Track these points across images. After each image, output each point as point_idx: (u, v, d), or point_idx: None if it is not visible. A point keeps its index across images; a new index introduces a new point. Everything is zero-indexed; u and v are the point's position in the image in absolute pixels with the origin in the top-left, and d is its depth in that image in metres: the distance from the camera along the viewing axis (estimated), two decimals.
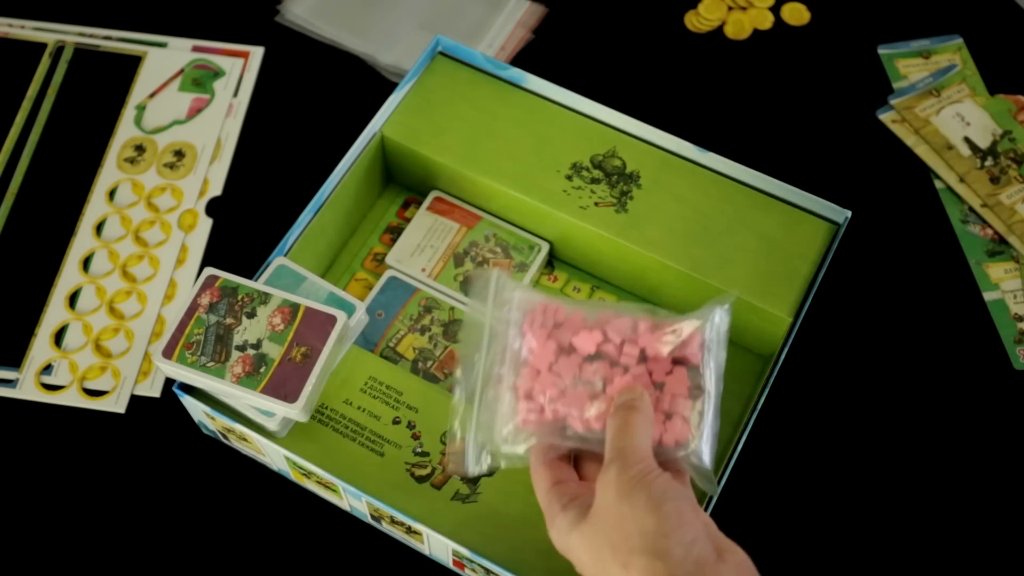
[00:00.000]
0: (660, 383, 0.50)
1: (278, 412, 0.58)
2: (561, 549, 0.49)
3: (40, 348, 0.70)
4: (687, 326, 0.50)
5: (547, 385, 0.50)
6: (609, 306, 0.53)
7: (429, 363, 0.66)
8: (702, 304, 0.50)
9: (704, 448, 0.49)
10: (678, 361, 0.50)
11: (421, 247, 0.70)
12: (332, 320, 0.59)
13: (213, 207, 0.76)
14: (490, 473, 0.59)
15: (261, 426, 0.59)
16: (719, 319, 0.51)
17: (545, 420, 0.50)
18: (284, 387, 0.57)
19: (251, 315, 0.59)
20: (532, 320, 0.51)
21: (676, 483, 0.46)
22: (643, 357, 0.50)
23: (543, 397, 0.50)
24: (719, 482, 0.59)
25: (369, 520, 0.62)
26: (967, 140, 0.79)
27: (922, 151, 0.79)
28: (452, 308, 0.68)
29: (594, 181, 0.68)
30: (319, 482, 0.61)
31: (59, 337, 0.70)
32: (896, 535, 0.64)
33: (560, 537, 0.48)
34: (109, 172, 0.77)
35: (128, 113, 0.80)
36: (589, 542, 0.46)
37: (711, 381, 0.50)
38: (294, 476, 0.63)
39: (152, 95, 0.81)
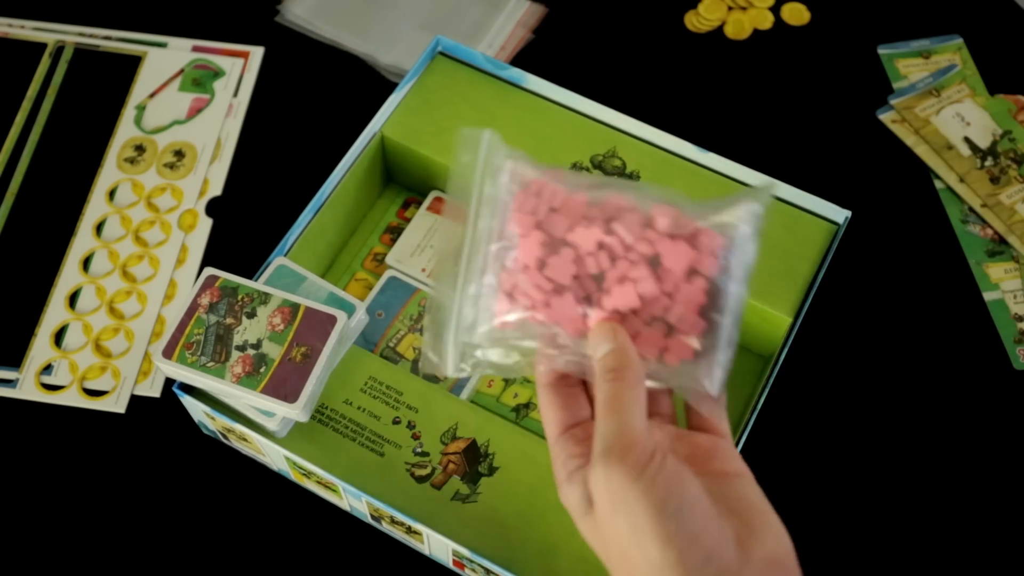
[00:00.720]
0: (670, 293, 0.42)
1: (278, 412, 0.58)
2: (571, 515, 0.43)
3: (40, 348, 0.70)
4: (711, 224, 0.42)
5: (531, 287, 0.42)
6: (621, 187, 0.43)
7: None
8: None
9: (712, 372, 0.42)
10: (695, 271, 0.42)
11: (421, 247, 0.70)
12: (332, 320, 0.59)
13: (213, 207, 0.76)
14: (491, 477, 0.59)
15: (261, 426, 0.59)
16: (750, 215, 0.42)
17: (529, 325, 0.42)
18: (284, 387, 0.57)
19: (251, 315, 0.59)
20: (522, 202, 0.43)
21: (682, 470, 0.39)
22: (655, 263, 0.42)
23: (525, 300, 0.42)
24: None
25: (369, 520, 0.62)
26: (967, 140, 0.79)
27: (922, 151, 0.79)
28: None
29: None
30: (319, 482, 0.61)
31: (59, 337, 0.70)
32: (896, 535, 0.64)
33: (570, 510, 0.43)
34: (109, 172, 0.77)
35: (128, 113, 0.80)
36: (600, 545, 0.41)
37: (731, 296, 0.42)
38: (294, 476, 0.63)
39: (152, 95, 0.81)
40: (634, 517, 0.38)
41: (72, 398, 0.68)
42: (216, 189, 0.77)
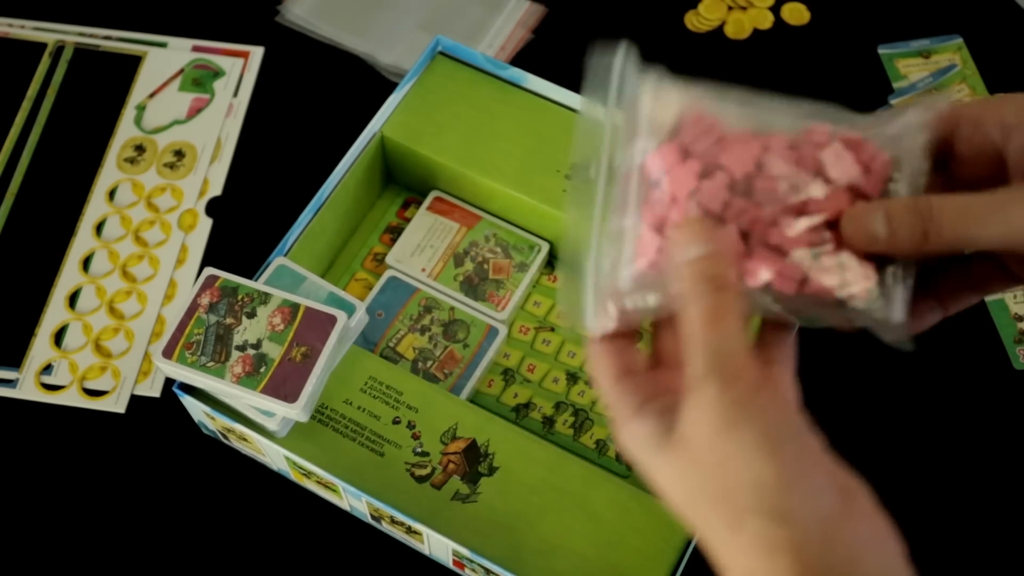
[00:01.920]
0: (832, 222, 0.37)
1: (278, 412, 0.58)
2: (637, 460, 0.38)
3: (40, 348, 0.70)
4: (876, 137, 0.38)
5: (683, 216, 0.37)
6: (795, 111, 0.39)
7: (429, 363, 0.66)
8: None
9: (893, 298, 0.37)
10: (860, 192, 0.37)
11: (421, 247, 0.70)
12: (332, 320, 0.59)
13: (213, 207, 0.76)
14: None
15: (261, 426, 0.59)
16: (920, 126, 0.38)
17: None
18: (284, 387, 0.57)
19: (251, 315, 0.59)
20: (678, 142, 0.38)
21: (790, 402, 0.36)
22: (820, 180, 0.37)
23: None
24: None
25: (369, 520, 0.62)
26: None
27: None
28: (452, 308, 0.68)
29: None
30: (319, 482, 0.61)
31: (59, 337, 0.70)
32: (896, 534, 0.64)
33: (640, 452, 0.37)
34: (109, 172, 0.77)
35: (128, 113, 0.80)
36: (681, 478, 0.36)
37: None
38: (294, 476, 0.63)
39: (152, 95, 0.81)
40: (747, 436, 0.34)
41: (72, 398, 0.68)
42: (216, 189, 0.76)
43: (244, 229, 0.74)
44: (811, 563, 0.34)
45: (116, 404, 0.68)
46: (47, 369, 0.69)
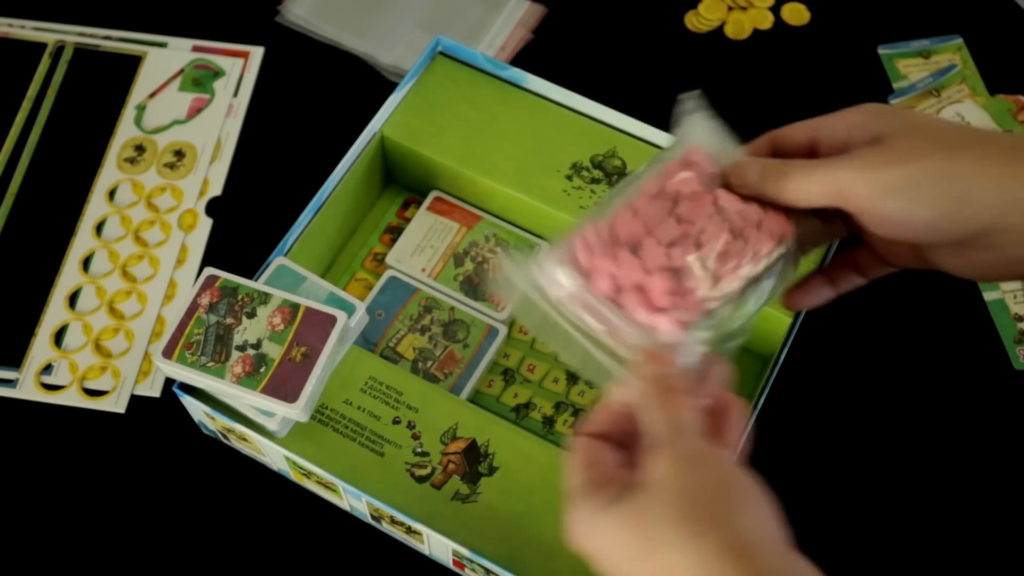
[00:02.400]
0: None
1: (278, 412, 0.58)
2: (580, 537, 0.42)
3: (40, 348, 0.70)
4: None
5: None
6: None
7: (429, 363, 0.66)
8: None
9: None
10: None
11: (421, 247, 0.70)
12: (332, 320, 0.59)
13: (213, 207, 0.76)
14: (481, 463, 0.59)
15: (261, 426, 0.59)
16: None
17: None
18: (284, 387, 0.57)
19: (251, 315, 0.59)
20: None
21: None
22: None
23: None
24: None
25: (369, 520, 0.62)
26: None
27: None
28: (452, 308, 0.68)
29: (594, 181, 0.68)
30: (319, 482, 0.61)
31: (59, 337, 0.70)
32: (897, 535, 0.64)
33: (584, 521, 0.42)
34: (109, 172, 0.77)
35: (128, 113, 0.80)
36: (631, 517, 0.40)
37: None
38: (294, 476, 0.63)
39: (152, 95, 0.81)
40: (712, 468, 0.40)
41: (72, 398, 0.68)
42: (216, 189, 0.77)
43: (244, 229, 0.74)
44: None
45: (116, 404, 0.68)
46: (47, 369, 0.69)
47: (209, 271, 0.61)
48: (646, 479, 0.40)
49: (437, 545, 0.59)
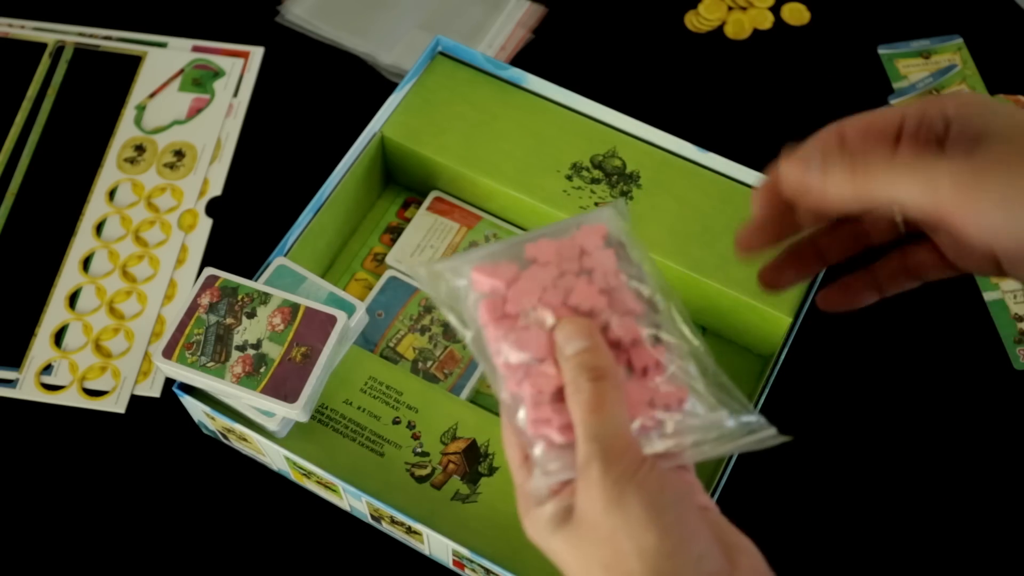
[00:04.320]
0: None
1: (278, 412, 0.58)
2: (538, 544, 0.42)
3: (40, 348, 0.70)
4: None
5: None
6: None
7: (429, 363, 0.66)
8: (704, 305, 0.48)
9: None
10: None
11: (421, 247, 0.70)
12: (332, 320, 0.59)
13: (213, 207, 0.76)
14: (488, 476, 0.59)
15: (261, 426, 0.59)
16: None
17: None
18: (284, 387, 0.57)
19: (251, 315, 0.59)
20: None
21: (672, 475, 0.39)
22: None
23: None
24: (715, 490, 0.59)
25: (369, 520, 0.62)
26: None
27: None
28: None
29: (594, 181, 0.68)
30: (319, 482, 0.61)
31: (59, 337, 0.70)
32: (896, 535, 0.64)
33: (538, 534, 0.41)
34: (109, 172, 0.77)
35: (128, 113, 0.80)
36: (576, 551, 0.39)
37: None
38: (294, 476, 0.63)
39: (152, 95, 0.81)
40: (631, 509, 0.37)
41: (72, 398, 0.68)
42: (216, 189, 0.77)
43: (244, 229, 0.74)
44: None
45: (116, 404, 0.68)
46: (47, 369, 0.69)
47: (209, 271, 0.61)
48: (580, 511, 0.39)
49: (437, 545, 0.59)
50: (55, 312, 0.71)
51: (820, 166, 0.40)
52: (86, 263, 0.73)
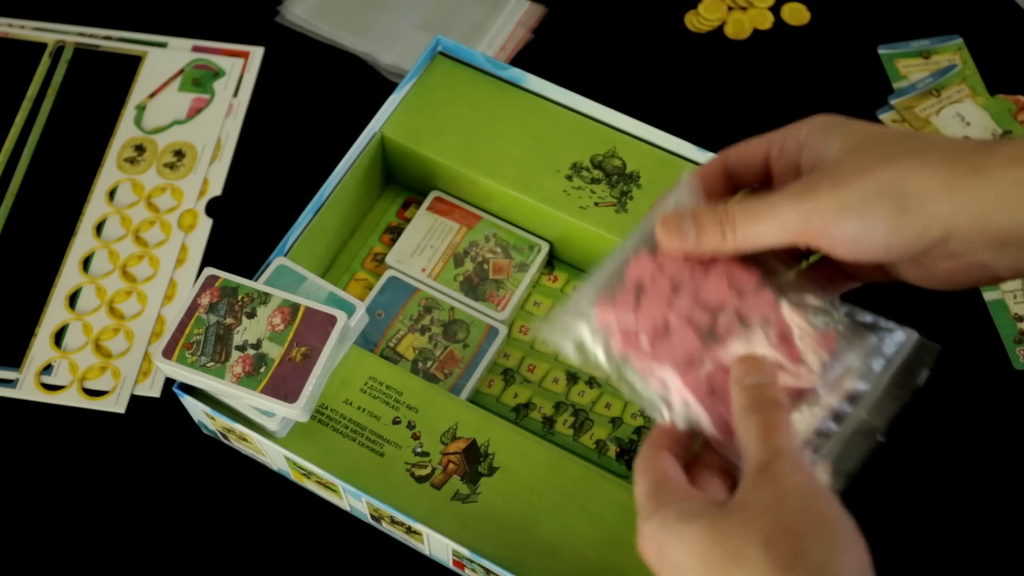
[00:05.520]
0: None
1: (278, 412, 0.58)
2: (653, 546, 0.42)
3: (40, 348, 0.70)
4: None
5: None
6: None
7: (429, 363, 0.66)
8: None
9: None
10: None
11: (421, 247, 0.70)
12: (332, 320, 0.59)
13: (213, 207, 0.76)
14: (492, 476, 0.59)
15: (261, 426, 0.59)
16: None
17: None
18: (284, 387, 0.57)
19: (251, 315, 0.59)
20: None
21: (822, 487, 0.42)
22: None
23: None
24: None
25: (369, 520, 0.62)
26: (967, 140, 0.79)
27: None
28: (452, 308, 0.68)
29: (594, 181, 0.68)
30: (319, 482, 0.61)
31: (59, 337, 0.70)
32: (896, 535, 0.64)
33: (660, 531, 0.41)
34: (109, 172, 0.77)
35: (128, 113, 0.80)
36: (715, 535, 0.39)
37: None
38: (294, 476, 0.63)
39: (152, 95, 0.81)
40: (819, 503, 0.40)
41: (72, 398, 0.68)
42: (216, 189, 0.77)
43: (244, 229, 0.74)
44: None
45: (116, 404, 0.68)
46: (47, 369, 0.69)
47: (209, 271, 0.61)
48: (738, 499, 0.40)
49: (437, 545, 0.59)
50: (55, 312, 0.71)
51: (694, 232, 0.44)
52: (86, 263, 0.73)
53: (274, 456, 0.61)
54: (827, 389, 0.44)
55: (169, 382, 0.68)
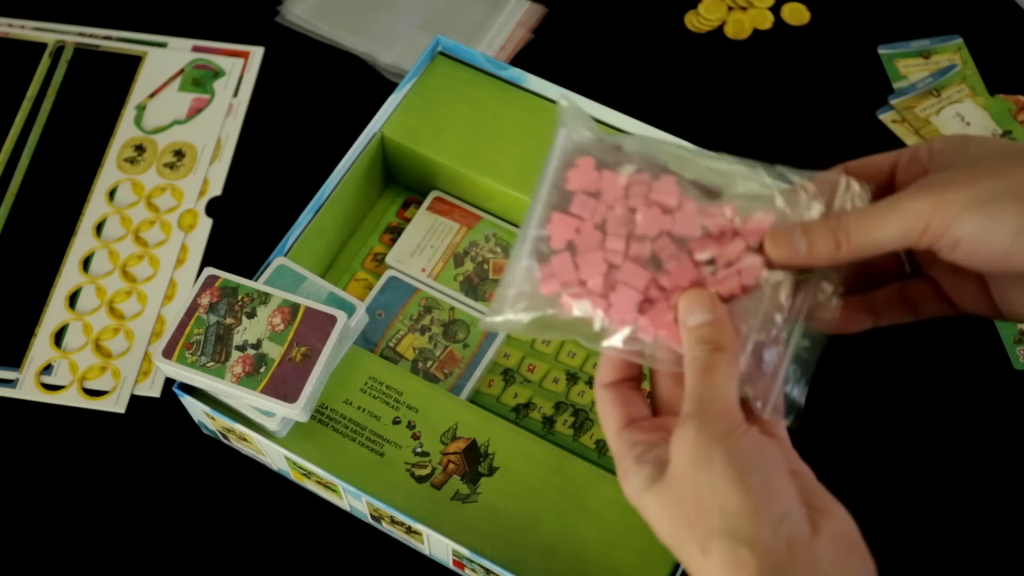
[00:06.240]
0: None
1: (278, 412, 0.58)
2: (633, 504, 0.43)
3: (40, 348, 0.70)
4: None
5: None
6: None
7: (429, 363, 0.66)
8: None
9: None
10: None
11: (421, 247, 0.70)
12: (332, 320, 0.59)
13: (213, 207, 0.76)
14: (490, 472, 0.59)
15: (261, 426, 0.59)
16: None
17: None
18: (284, 387, 0.57)
19: (251, 315, 0.59)
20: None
21: (765, 440, 0.40)
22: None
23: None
24: None
25: (369, 520, 0.63)
26: None
27: None
28: (452, 308, 0.68)
29: None
30: (319, 482, 0.61)
31: (59, 337, 0.70)
32: (896, 535, 0.64)
33: (633, 494, 0.42)
34: (109, 172, 0.77)
35: (128, 113, 0.80)
36: (664, 509, 0.40)
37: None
38: (294, 476, 0.63)
39: (152, 95, 0.81)
40: (716, 469, 0.38)
41: (72, 398, 0.68)
42: (216, 189, 0.77)
43: (244, 229, 0.74)
44: None
45: (116, 404, 0.68)
46: (47, 369, 0.69)
47: (209, 271, 0.61)
48: (671, 460, 0.40)
49: (437, 545, 0.59)
50: (55, 312, 0.71)
51: (804, 243, 0.42)
52: (86, 263, 0.73)
53: (274, 456, 0.61)
54: (781, 269, 0.43)
55: (169, 382, 0.68)
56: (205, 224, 0.75)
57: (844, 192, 0.43)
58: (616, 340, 0.43)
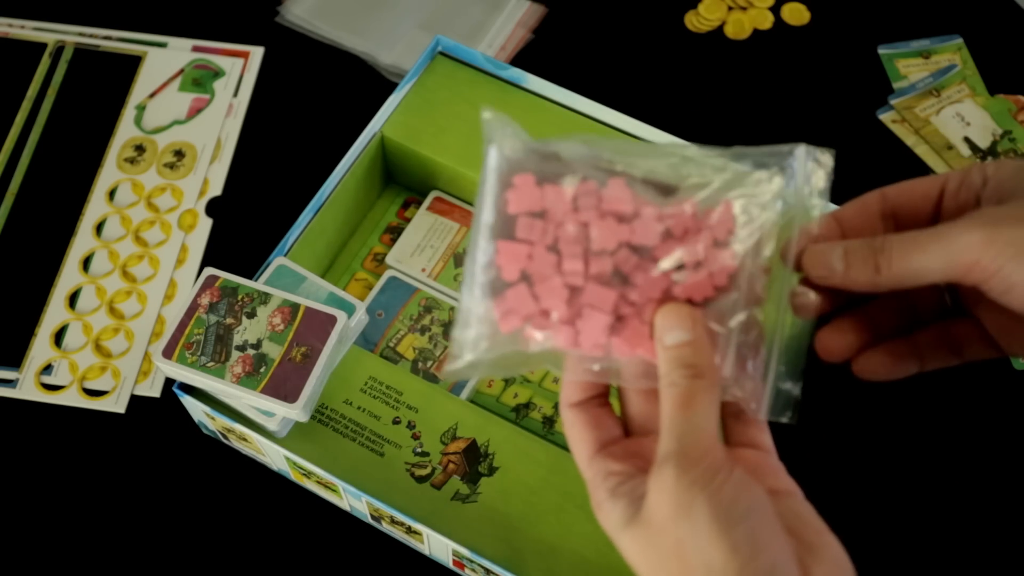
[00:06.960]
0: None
1: (278, 412, 0.58)
2: (610, 537, 0.40)
3: (40, 348, 0.70)
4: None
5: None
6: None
7: (429, 363, 0.66)
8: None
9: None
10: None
11: (421, 247, 0.70)
12: (332, 320, 0.59)
13: (213, 207, 0.76)
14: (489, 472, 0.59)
15: (261, 426, 0.59)
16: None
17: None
18: (284, 387, 0.57)
19: (251, 315, 0.59)
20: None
21: (748, 482, 0.37)
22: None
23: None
24: None
25: (369, 520, 0.63)
26: (967, 140, 0.79)
27: (922, 151, 0.79)
28: (452, 308, 0.68)
29: None
30: (319, 482, 0.61)
31: (59, 337, 0.70)
32: (895, 535, 0.64)
33: (610, 528, 0.39)
34: (109, 172, 0.77)
35: (128, 113, 0.80)
36: (643, 555, 0.38)
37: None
38: (294, 476, 0.63)
39: (152, 95, 0.81)
40: (699, 523, 0.35)
41: (72, 398, 0.68)
42: (216, 189, 0.77)
43: (244, 229, 0.74)
44: None
45: (116, 404, 0.68)
46: (47, 369, 0.69)
47: (209, 271, 0.61)
48: (649, 511, 0.37)
49: (437, 545, 0.59)
50: (55, 312, 0.71)
51: (842, 265, 0.39)
52: (86, 263, 0.73)
53: (274, 456, 0.61)
54: (752, 259, 0.39)
55: (169, 382, 0.68)
56: (205, 224, 0.75)
57: (803, 162, 0.40)
58: (592, 366, 0.40)
